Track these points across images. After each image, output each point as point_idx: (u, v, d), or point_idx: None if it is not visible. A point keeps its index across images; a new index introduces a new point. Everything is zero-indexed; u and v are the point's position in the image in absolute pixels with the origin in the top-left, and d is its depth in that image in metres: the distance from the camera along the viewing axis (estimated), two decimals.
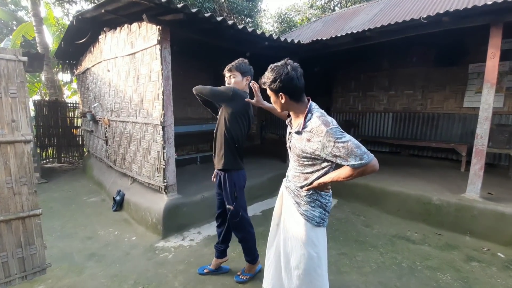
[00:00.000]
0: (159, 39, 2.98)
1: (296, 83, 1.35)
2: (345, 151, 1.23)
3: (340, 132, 1.26)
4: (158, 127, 3.24)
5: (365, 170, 1.23)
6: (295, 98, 1.39)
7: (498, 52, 2.79)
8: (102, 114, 5.16)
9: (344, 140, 1.23)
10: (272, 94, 1.44)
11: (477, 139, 3.08)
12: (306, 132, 1.35)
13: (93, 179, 5.63)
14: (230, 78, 2.08)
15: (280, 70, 1.34)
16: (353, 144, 1.22)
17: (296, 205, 1.50)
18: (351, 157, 1.22)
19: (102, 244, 3.07)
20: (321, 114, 1.36)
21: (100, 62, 4.96)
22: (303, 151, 1.38)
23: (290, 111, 1.47)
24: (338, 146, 1.23)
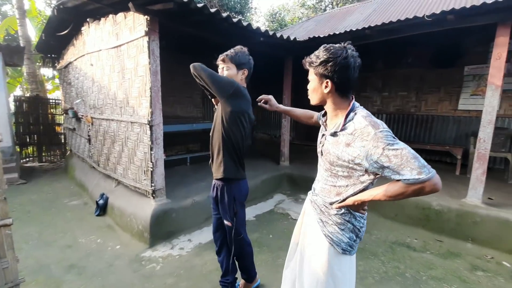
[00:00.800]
0: (146, 30, 2.73)
1: (351, 73, 1.09)
2: (397, 160, 0.95)
3: (392, 138, 1.00)
4: (145, 126, 2.99)
5: (423, 188, 0.94)
6: (342, 91, 1.14)
7: (505, 52, 2.70)
8: (85, 111, 4.83)
9: (397, 147, 0.97)
10: (314, 79, 1.17)
11: (480, 143, 2.99)
12: (346, 134, 1.09)
13: (75, 180, 5.28)
14: (223, 70, 1.76)
15: (337, 52, 1.08)
16: (410, 153, 0.95)
17: (321, 223, 1.24)
18: (405, 169, 0.94)
19: (83, 254, 2.80)
20: (367, 114, 1.10)
21: (83, 55, 4.63)
22: (338, 157, 1.12)
23: (328, 105, 1.20)
24: (388, 154, 0.96)
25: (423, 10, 4.57)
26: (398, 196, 1.00)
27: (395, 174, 0.97)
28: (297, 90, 7.35)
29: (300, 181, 4.69)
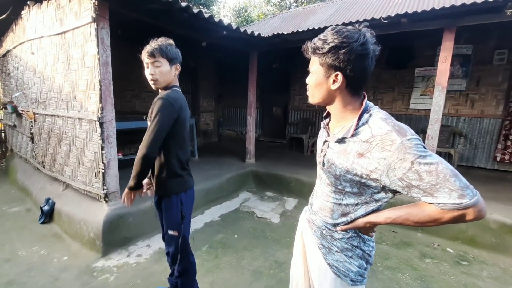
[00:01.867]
0: (94, 16, 2.45)
1: (368, 65, 0.84)
2: (431, 179, 0.73)
3: (424, 148, 0.76)
4: (95, 123, 2.71)
5: (464, 216, 0.73)
6: (355, 88, 0.88)
7: (450, 56, 2.94)
8: (26, 105, 4.28)
9: (431, 160, 0.73)
10: (319, 70, 0.90)
11: (428, 139, 3.23)
12: (359, 141, 0.84)
13: (17, 183, 4.68)
14: (154, 65, 1.50)
15: (353, 36, 0.82)
16: (448, 169, 0.73)
17: (324, 250, 1.00)
18: (441, 191, 0.72)
19: (24, 268, 2.47)
20: (387, 116, 0.85)
21: (23, 42, 4.09)
22: (348, 171, 0.88)
23: (335, 106, 0.94)
24: (419, 169, 0.73)
25: (380, 13, 4.82)
26: (428, 223, 0.79)
27: (427, 196, 0.75)
28: (263, 86, 7.38)
29: (266, 178, 4.70)
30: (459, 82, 4.89)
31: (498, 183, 4.03)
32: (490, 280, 2.38)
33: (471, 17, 2.84)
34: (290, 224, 3.40)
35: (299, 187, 4.19)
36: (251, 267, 2.50)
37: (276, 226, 3.37)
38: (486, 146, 4.80)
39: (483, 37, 4.53)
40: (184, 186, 1.66)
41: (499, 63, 4.55)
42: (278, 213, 3.70)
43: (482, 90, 4.74)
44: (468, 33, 4.52)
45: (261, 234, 3.13)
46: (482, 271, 2.51)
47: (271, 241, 2.99)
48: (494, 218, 2.87)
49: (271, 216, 3.60)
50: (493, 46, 4.56)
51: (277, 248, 2.83)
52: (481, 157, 4.87)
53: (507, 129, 4.52)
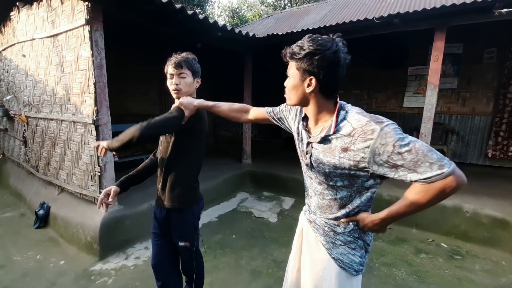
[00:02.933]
0: (87, 18, 2.43)
1: (339, 71, 0.92)
2: (412, 157, 0.79)
3: (400, 131, 0.84)
4: (90, 126, 2.69)
5: (448, 185, 0.78)
6: (328, 92, 0.95)
7: (441, 55, 3.00)
8: (18, 109, 4.22)
9: (408, 141, 0.81)
10: (295, 74, 0.96)
11: (421, 137, 3.29)
12: (342, 137, 0.91)
13: (10, 188, 4.61)
14: (179, 77, 1.49)
15: (325, 44, 0.88)
16: (424, 146, 0.80)
17: (328, 245, 1.05)
18: (423, 166, 0.78)
19: (19, 274, 2.44)
20: (361, 111, 0.93)
21: (13, 44, 4.03)
22: (336, 166, 0.93)
23: (311, 108, 1.00)
24: (400, 150, 0.80)
25: (373, 13, 4.88)
26: (424, 204, 0.84)
27: (412, 173, 0.81)
28: (258, 87, 7.40)
29: (263, 178, 4.72)
30: (450, 80, 4.98)
31: (490, 179, 4.12)
32: (482, 273, 2.44)
33: (461, 17, 2.90)
34: (287, 223, 3.42)
35: (295, 186, 4.22)
36: (250, 266, 2.52)
37: (273, 225, 3.40)
38: (478, 143, 4.90)
39: (473, 36, 4.63)
40: (196, 198, 1.63)
41: (489, 61, 4.66)
42: (276, 213, 3.72)
43: (473, 88, 4.84)
44: (458, 33, 4.61)
45: (259, 234, 3.15)
46: (474, 264, 2.58)
47: (269, 240, 3.01)
48: (486, 212, 2.94)
49: (268, 216, 3.62)
50: (482, 45, 4.66)
51: (275, 247, 2.85)
52: (473, 153, 4.97)
53: (498, 126, 4.62)
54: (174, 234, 1.60)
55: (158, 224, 1.65)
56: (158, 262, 1.65)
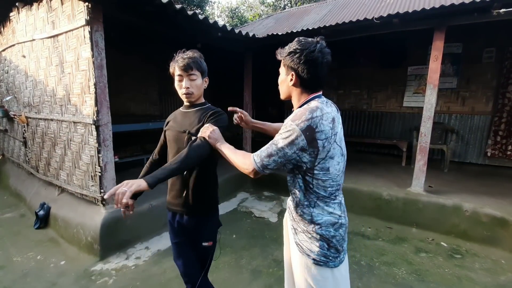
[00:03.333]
0: (87, 19, 2.44)
1: (316, 69, 1.04)
2: (267, 145, 1.06)
3: (288, 135, 1.01)
4: (91, 127, 2.69)
5: (248, 166, 1.09)
6: (306, 86, 1.09)
7: (440, 55, 3.01)
8: (18, 109, 4.22)
9: (277, 140, 1.03)
10: (283, 70, 1.15)
11: (421, 137, 3.30)
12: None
13: (10, 189, 4.61)
14: (190, 80, 1.41)
15: (306, 44, 1.04)
16: (269, 149, 1.04)
17: (293, 231, 1.18)
18: (262, 149, 1.07)
19: (19, 275, 2.44)
20: (309, 108, 1.04)
21: (12, 45, 4.03)
22: None
23: (293, 100, 1.17)
24: (275, 137, 1.05)
25: (373, 13, 4.89)
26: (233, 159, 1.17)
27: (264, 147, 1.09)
28: (258, 87, 7.40)
29: (263, 179, 4.72)
30: (450, 80, 4.99)
31: (489, 178, 4.13)
32: (482, 272, 2.45)
33: (460, 17, 2.91)
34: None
35: None
36: (250, 266, 2.52)
37: (274, 225, 3.40)
38: (477, 142, 4.91)
39: (472, 36, 4.64)
40: (218, 202, 1.63)
41: (488, 61, 4.67)
42: (276, 212, 3.73)
43: (472, 88, 4.85)
44: (457, 32, 4.62)
45: (259, 234, 3.15)
46: (474, 263, 2.58)
47: (269, 240, 3.01)
48: (486, 211, 2.95)
49: (269, 216, 3.62)
50: (482, 44, 4.67)
51: (276, 247, 2.85)
52: (473, 153, 4.98)
53: (497, 125, 4.63)
54: (199, 237, 1.52)
55: (178, 231, 1.55)
56: (188, 269, 1.55)
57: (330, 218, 1.09)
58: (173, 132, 1.48)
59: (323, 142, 1.00)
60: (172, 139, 1.48)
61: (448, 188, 3.59)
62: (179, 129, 1.46)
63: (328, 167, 1.05)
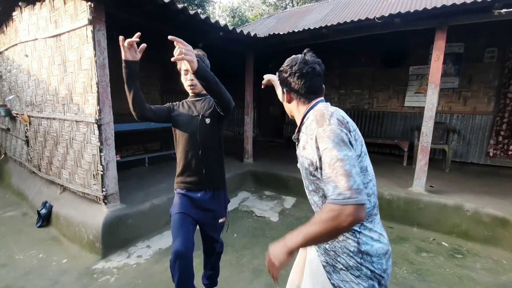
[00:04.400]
0: (90, 18, 2.45)
1: (305, 79, 0.99)
2: (329, 171, 0.77)
3: (337, 140, 0.80)
4: (93, 126, 2.70)
5: (340, 213, 0.72)
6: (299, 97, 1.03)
7: (442, 55, 3.01)
8: (20, 108, 4.24)
9: (334, 154, 0.77)
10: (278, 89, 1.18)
11: (422, 136, 3.30)
12: (303, 135, 0.96)
13: (12, 188, 4.63)
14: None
15: (291, 61, 1.03)
16: (343, 169, 0.75)
17: (328, 268, 0.93)
18: (331, 184, 0.76)
19: (21, 273, 2.45)
20: (320, 108, 0.94)
21: (15, 44, 4.05)
22: (302, 166, 0.96)
23: (294, 114, 1.09)
24: (324, 159, 0.79)
25: (374, 13, 4.89)
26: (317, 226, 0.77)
27: (324, 185, 0.80)
28: (260, 86, 7.42)
29: (264, 178, 4.73)
30: (451, 79, 4.98)
31: (491, 178, 4.12)
32: (483, 272, 2.45)
33: (462, 16, 2.91)
34: (289, 222, 3.43)
35: (297, 185, 4.23)
36: (251, 265, 2.53)
37: (275, 224, 3.41)
38: (479, 142, 4.90)
39: (474, 36, 4.63)
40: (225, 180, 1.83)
41: (490, 61, 4.66)
42: (277, 212, 3.74)
43: (474, 88, 4.84)
44: (459, 32, 4.62)
45: (260, 233, 3.16)
46: (475, 263, 2.58)
47: (271, 239, 3.02)
48: (487, 211, 2.94)
49: (270, 215, 3.63)
50: (483, 44, 4.66)
51: None
52: (474, 153, 4.97)
53: (499, 125, 4.63)
54: (215, 214, 1.71)
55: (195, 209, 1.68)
56: (187, 249, 1.53)
57: (381, 245, 0.88)
58: (185, 117, 1.66)
59: (354, 134, 0.87)
60: (183, 123, 1.66)
61: (449, 188, 3.59)
62: (191, 114, 1.66)
63: (366, 165, 0.89)
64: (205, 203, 1.69)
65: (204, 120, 1.62)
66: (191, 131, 1.63)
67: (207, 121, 1.63)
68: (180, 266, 1.51)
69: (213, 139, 1.67)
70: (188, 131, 1.64)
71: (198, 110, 1.66)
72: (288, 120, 7.08)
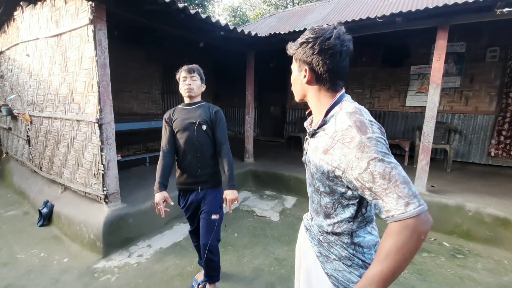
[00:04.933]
0: (91, 18, 2.45)
1: (335, 59, 0.83)
2: (384, 182, 0.69)
3: (385, 148, 0.73)
4: (94, 125, 2.71)
5: (411, 227, 0.66)
6: (325, 82, 0.87)
7: (443, 54, 2.99)
8: (22, 108, 4.25)
9: (386, 164, 0.70)
10: (295, 66, 0.93)
11: (424, 136, 3.29)
12: (325, 136, 0.84)
13: (13, 187, 4.65)
14: (192, 79, 1.87)
15: (320, 31, 0.83)
16: (401, 176, 0.69)
17: (322, 258, 0.94)
18: (391, 196, 0.68)
19: (22, 272, 2.46)
20: (354, 110, 0.81)
21: (17, 44, 4.06)
22: (317, 168, 0.87)
23: (310, 101, 0.93)
24: (373, 171, 0.70)
25: (375, 12, 4.87)
26: (400, 248, 0.67)
27: (377, 200, 0.71)
28: (260, 86, 7.40)
29: (265, 177, 4.72)
30: (453, 79, 4.96)
31: (492, 178, 4.10)
32: (484, 272, 2.44)
33: (463, 15, 2.90)
34: (289, 222, 3.43)
35: (298, 185, 4.23)
36: (252, 264, 2.53)
37: (275, 224, 3.41)
38: (481, 142, 4.88)
39: (475, 35, 4.60)
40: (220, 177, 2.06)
41: (492, 60, 4.63)
42: (278, 212, 3.74)
43: (475, 87, 4.82)
44: (461, 32, 4.60)
45: (261, 232, 3.16)
46: (477, 263, 2.57)
47: (271, 239, 3.02)
48: (488, 212, 2.93)
49: (270, 215, 3.63)
50: (485, 44, 4.63)
51: (277, 245, 2.86)
52: (476, 152, 4.95)
53: (500, 124, 4.60)
54: (208, 210, 1.91)
55: (191, 207, 1.97)
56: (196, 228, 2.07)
57: (372, 237, 0.90)
58: (182, 122, 1.87)
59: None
60: (181, 128, 1.87)
61: (450, 188, 3.58)
62: (188, 120, 1.86)
63: None
64: (199, 201, 1.95)
65: (200, 126, 1.86)
66: (187, 135, 1.86)
67: (203, 128, 1.87)
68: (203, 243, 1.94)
69: (211, 143, 1.92)
70: (186, 136, 1.87)
71: (195, 117, 1.87)
72: (289, 119, 7.07)
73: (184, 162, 1.91)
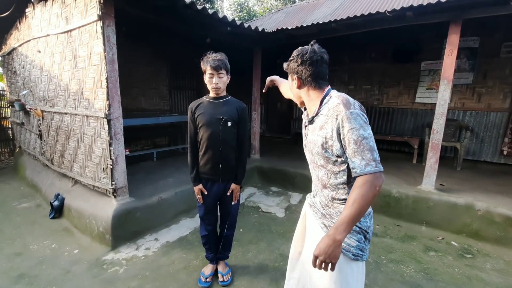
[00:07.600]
0: (100, 14, 2.48)
1: (314, 67, 1.12)
2: (354, 147, 0.97)
3: (362, 122, 0.98)
4: (103, 120, 2.75)
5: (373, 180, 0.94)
6: (310, 83, 1.15)
7: (455, 49, 2.91)
8: (34, 103, 4.35)
9: (361, 133, 0.96)
10: (289, 78, 1.25)
11: (433, 133, 3.22)
12: (321, 116, 1.10)
13: (26, 180, 4.79)
14: (219, 76, 1.84)
15: (301, 51, 1.15)
16: (368, 145, 0.96)
17: (326, 229, 1.15)
18: (357, 157, 0.96)
19: (35, 262, 2.55)
20: (340, 94, 1.09)
21: (28, 40, 4.14)
22: (315, 144, 1.12)
23: (304, 99, 1.22)
24: (350, 137, 0.97)
25: (385, 6, 4.76)
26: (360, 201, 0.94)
27: (349, 159, 1.00)
28: None
29: (271, 174, 4.73)
30: (465, 75, 4.83)
31: (504, 177, 4.00)
32: (493, 273, 2.40)
33: (477, 9, 2.80)
34: (295, 218, 3.43)
35: (303, 182, 4.22)
36: (257, 260, 2.55)
37: (281, 220, 3.42)
38: (493, 140, 4.76)
39: (490, 29, 4.46)
40: None
41: (507, 55, 4.49)
42: (283, 208, 3.74)
43: (489, 83, 4.68)
44: (474, 26, 4.45)
45: (266, 228, 3.18)
46: (485, 263, 2.53)
47: (276, 235, 3.03)
48: (499, 211, 2.86)
49: (276, 211, 3.64)
50: (500, 38, 4.48)
51: (282, 241, 2.87)
52: (488, 151, 4.83)
53: None
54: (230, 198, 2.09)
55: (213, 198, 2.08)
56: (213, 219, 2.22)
57: None
58: (208, 117, 1.89)
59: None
60: (206, 123, 1.89)
61: (460, 186, 3.51)
62: (214, 115, 1.89)
63: None
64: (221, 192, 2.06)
65: (226, 123, 1.89)
66: (212, 130, 1.89)
67: (228, 124, 1.90)
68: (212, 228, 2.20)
69: (232, 140, 1.97)
70: (211, 130, 1.89)
71: (222, 112, 1.90)
72: (295, 116, 7.03)
73: (206, 156, 1.95)
